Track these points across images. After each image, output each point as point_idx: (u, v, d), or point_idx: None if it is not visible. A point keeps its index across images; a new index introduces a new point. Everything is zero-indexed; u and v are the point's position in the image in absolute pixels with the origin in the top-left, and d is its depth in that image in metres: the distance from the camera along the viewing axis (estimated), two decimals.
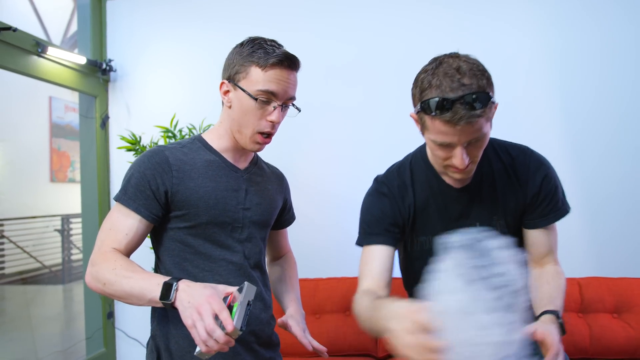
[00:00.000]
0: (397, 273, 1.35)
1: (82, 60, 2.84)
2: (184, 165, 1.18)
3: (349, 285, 2.54)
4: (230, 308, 0.98)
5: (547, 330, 1.00)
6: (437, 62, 1.04)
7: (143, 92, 3.09)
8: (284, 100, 1.18)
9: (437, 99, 0.98)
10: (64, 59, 2.74)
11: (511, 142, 1.30)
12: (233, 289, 1.03)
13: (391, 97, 2.78)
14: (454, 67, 0.99)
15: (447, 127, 1.00)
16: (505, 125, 2.59)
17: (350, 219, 2.86)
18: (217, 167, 1.22)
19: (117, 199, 1.16)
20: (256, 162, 1.34)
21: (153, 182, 1.14)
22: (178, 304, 0.99)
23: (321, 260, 2.77)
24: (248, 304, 0.99)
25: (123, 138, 2.65)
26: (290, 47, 1.23)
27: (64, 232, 7.44)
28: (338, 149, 2.86)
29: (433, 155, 1.16)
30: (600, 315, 2.36)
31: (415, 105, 1.07)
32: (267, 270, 1.43)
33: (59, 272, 7.30)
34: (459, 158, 1.05)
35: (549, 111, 2.69)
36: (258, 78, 1.14)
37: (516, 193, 1.24)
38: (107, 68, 3.03)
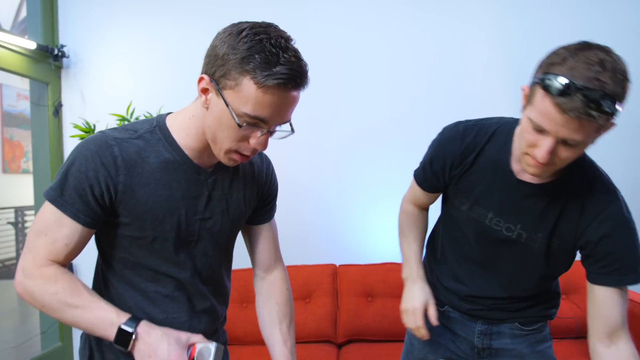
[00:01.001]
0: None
1: (32, 45, 2.73)
2: (134, 166, 0.96)
3: (309, 272, 2.56)
4: None
5: None
6: (585, 46, 0.93)
7: (98, 79, 3.00)
8: (277, 124, 0.94)
9: (563, 78, 0.88)
10: (12, 43, 2.63)
11: (607, 178, 1.15)
12: (197, 339, 0.99)
13: (352, 83, 2.79)
14: (599, 58, 0.89)
15: (554, 112, 0.90)
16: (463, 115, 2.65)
17: (310, 207, 2.89)
18: (175, 169, 1.00)
19: (51, 199, 0.95)
20: None
21: (96, 187, 0.94)
22: (136, 355, 0.93)
23: (281, 248, 2.77)
24: None
25: (76, 126, 2.57)
26: None
27: (18, 225, 7.19)
28: (298, 136, 2.85)
29: (521, 137, 1.04)
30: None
31: (536, 74, 0.96)
32: (256, 290, 1.26)
33: (12, 266, 7.05)
34: (544, 149, 0.96)
35: (505, 105, 2.76)
36: (250, 98, 0.86)
37: (574, 223, 1.12)
38: (59, 54, 2.92)
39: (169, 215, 1.00)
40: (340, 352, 2.43)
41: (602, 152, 2.64)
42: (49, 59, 2.91)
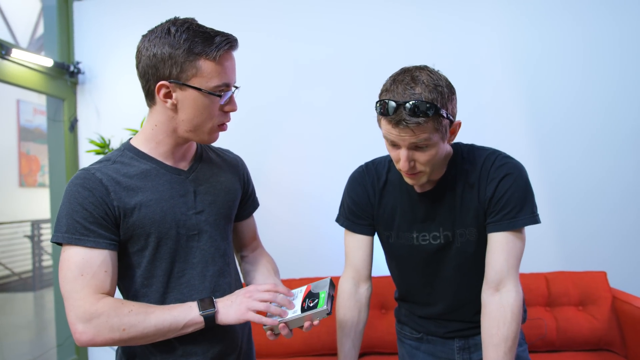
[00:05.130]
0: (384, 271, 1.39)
1: (49, 62, 2.80)
2: (118, 183, 1.03)
3: None
4: (310, 294, 1.09)
5: None
6: (402, 71, 1.14)
7: (112, 95, 3.05)
8: (234, 83, 1.07)
9: (386, 101, 1.09)
10: (29, 61, 2.69)
11: (482, 147, 1.30)
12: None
13: (363, 96, 2.80)
14: (412, 77, 1.10)
15: (391, 127, 1.11)
16: (473, 129, 2.66)
17: (322, 219, 2.89)
18: (155, 175, 1.08)
19: (68, 241, 0.99)
20: (201, 155, 1.20)
21: (99, 209, 1.00)
22: (221, 310, 1.02)
23: (293, 260, 2.78)
24: (332, 297, 1.08)
25: (92, 141, 2.62)
26: (264, 48, 1.18)
27: (34, 238, 7.28)
28: (310, 148, 2.87)
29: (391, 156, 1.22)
30: (566, 308, 2.43)
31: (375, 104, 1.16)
32: (243, 265, 1.34)
33: (29, 279, 7.14)
34: (403, 159, 1.13)
35: (517, 114, 2.75)
36: (212, 72, 1.00)
37: (475, 200, 1.24)
38: (75, 70, 2.99)
39: (164, 215, 1.06)
40: None
41: (570, 152, 2.67)
42: (65, 76, 2.98)
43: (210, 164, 1.20)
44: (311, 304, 1.06)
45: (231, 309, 1.02)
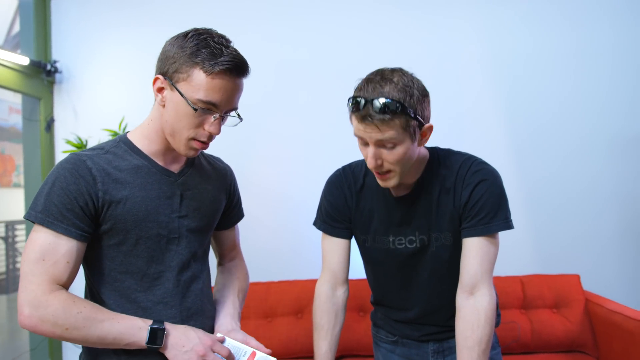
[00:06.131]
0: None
1: (25, 61, 2.74)
2: (108, 175, 1.03)
3: (301, 287, 2.56)
4: None
5: None
6: (376, 72, 1.17)
7: (90, 95, 3.00)
8: (226, 110, 1.05)
9: (356, 98, 1.12)
10: (5, 59, 2.64)
11: (459, 152, 1.31)
12: (250, 344, 1.10)
13: (345, 98, 2.81)
14: (383, 76, 1.13)
15: (359, 123, 1.13)
16: (454, 134, 2.69)
17: (302, 221, 2.89)
18: (146, 173, 1.09)
19: (41, 221, 0.98)
20: (192, 161, 1.20)
21: (80, 199, 1.00)
22: (170, 350, 1.02)
23: (273, 263, 2.78)
24: None
25: (69, 142, 2.58)
26: (245, 49, 1.16)
27: (8, 240, 7.12)
28: (290, 150, 2.87)
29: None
30: (540, 311, 2.48)
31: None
32: (218, 271, 1.36)
33: (2, 281, 6.97)
34: (370, 156, 1.15)
35: (496, 120, 2.80)
36: (201, 85, 0.99)
37: (451, 205, 1.25)
38: (52, 69, 2.93)
39: (148, 214, 1.06)
40: None
41: (546, 157, 2.74)
42: (42, 75, 2.92)
43: (200, 170, 1.21)
44: None
45: (179, 353, 1.02)
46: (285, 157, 2.88)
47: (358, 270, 1.52)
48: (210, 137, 1.07)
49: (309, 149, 2.85)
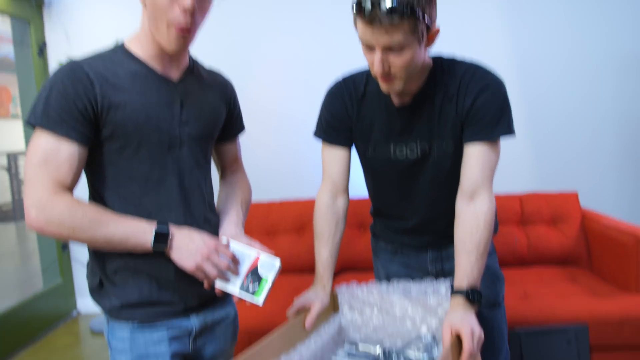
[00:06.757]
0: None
1: None
2: (106, 80, 1.02)
3: (302, 206, 2.60)
4: (255, 272, 1.08)
5: (458, 327, 1.07)
6: None
7: (81, 16, 2.92)
8: None
9: (362, 0, 1.05)
10: None
11: (463, 61, 1.28)
12: (254, 247, 1.10)
13: (344, 18, 2.73)
14: None
15: (366, 27, 1.07)
16: (456, 39, 2.62)
17: (302, 142, 2.89)
18: (145, 78, 1.07)
19: (42, 124, 0.98)
20: (192, 69, 1.18)
21: (79, 102, 0.99)
22: (175, 251, 1.03)
23: (274, 182, 2.81)
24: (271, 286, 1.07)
25: (62, 65, 2.53)
26: None
27: (11, 170, 7.17)
28: (290, 71, 2.82)
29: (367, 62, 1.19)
30: (538, 227, 2.54)
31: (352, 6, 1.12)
32: (221, 183, 1.36)
33: (9, 211, 7.10)
34: (377, 61, 1.11)
35: (498, 31, 2.72)
36: None
37: (453, 112, 1.24)
38: None
39: (148, 118, 1.06)
40: (333, 280, 2.50)
41: (549, 75, 2.70)
42: None
43: (200, 79, 1.19)
44: (250, 288, 1.07)
45: (183, 255, 1.04)
46: (285, 78, 2.84)
47: (360, 188, 1.53)
48: (187, 17, 1.01)
49: (309, 70, 2.80)
